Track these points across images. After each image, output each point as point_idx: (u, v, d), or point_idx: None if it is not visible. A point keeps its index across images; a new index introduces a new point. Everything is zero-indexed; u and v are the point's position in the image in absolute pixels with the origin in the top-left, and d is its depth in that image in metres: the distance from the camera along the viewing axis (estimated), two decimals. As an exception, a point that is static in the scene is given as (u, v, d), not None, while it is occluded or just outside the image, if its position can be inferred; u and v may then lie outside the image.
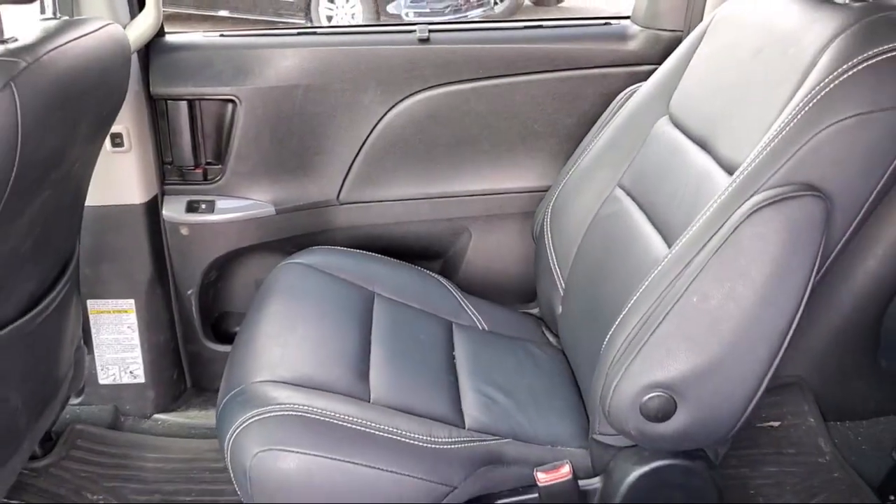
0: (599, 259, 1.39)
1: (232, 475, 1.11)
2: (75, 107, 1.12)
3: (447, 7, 6.84)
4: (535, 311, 1.66)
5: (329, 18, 6.76)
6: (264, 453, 1.06)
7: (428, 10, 6.80)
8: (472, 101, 1.70)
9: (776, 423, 1.74)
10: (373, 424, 1.12)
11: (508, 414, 1.26)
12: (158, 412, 1.80)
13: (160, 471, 1.64)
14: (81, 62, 1.12)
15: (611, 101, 1.57)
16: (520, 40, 1.71)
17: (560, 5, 8.32)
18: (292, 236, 1.73)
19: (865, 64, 0.97)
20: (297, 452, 1.06)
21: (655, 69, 1.48)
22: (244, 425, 1.09)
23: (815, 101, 0.99)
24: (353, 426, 1.11)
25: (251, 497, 1.08)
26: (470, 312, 1.55)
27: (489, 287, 1.79)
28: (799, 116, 0.99)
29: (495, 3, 7.18)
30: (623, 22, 1.76)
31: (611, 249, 1.36)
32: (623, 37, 1.71)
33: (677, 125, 1.35)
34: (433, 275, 1.62)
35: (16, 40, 1.05)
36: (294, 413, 1.10)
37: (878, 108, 0.97)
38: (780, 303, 0.98)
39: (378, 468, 1.08)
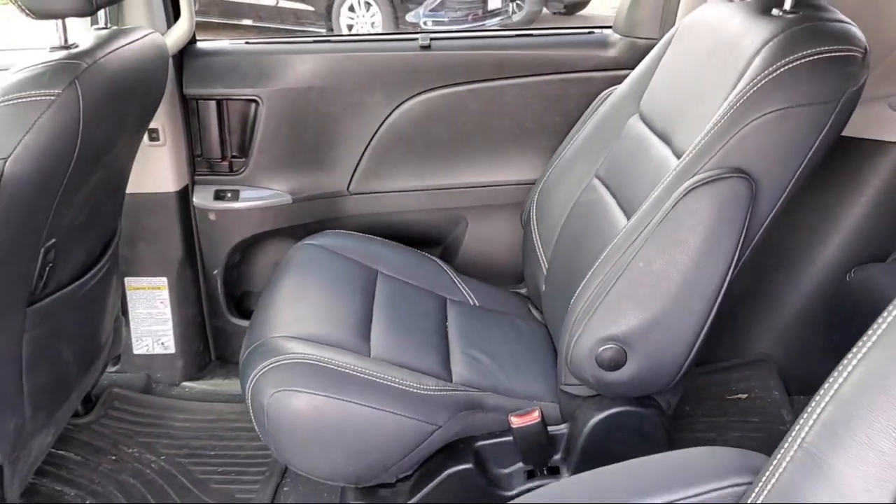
0: (576, 240, 1.57)
1: (252, 414, 1.30)
2: (124, 102, 1.33)
3: (466, 16, 6.99)
4: (524, 290, 1.84)
5: (350, 27, 6.97)
6: (279, 393, 1.26)
7: (447, 20, 6.95)
8: (468, 102, 1.89)
9: (744, 396, 1.91)
10: (372, 373, 1.31)
11: (490, 372, 1.44)
12: (186, 380, 2.00)
13: (187, 429, 1.84)
14: (129, 64, 1.33)
15: (592, 102, 1.75)
16: (511, 47, 1.91)
17: (579, 13, 8.47)
18: (307, 223, 1.92)
19: (786, 67, 1.15)
20: (308, 393, 1.25)
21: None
22: (263, 371, 1.29)
23: (744, 98, 1.17)
24: (355, 373, 1.30)
25: (267, 431, 1.28)
26: (463, 290, 1.73)
27: (484, 270, 1.97)
28: (731, 111, 1.17)
29: (513, 13, 7.35)
30: (605, 31, 1.95)
31: (586, 231, 1.54)
32: (604, 44, 1.90)
33: (645, 122, 1.53)
34: (431, 257, 1.80)
35: (77, 46, 1.26)
36: (305, 361, 1.29)
37: (796, 104, 1.14)
38: (711, 267, 1.16)
39: (375, 408, 1.26)
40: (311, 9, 7.06)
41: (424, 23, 6.89)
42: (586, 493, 0.88)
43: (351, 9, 6.94)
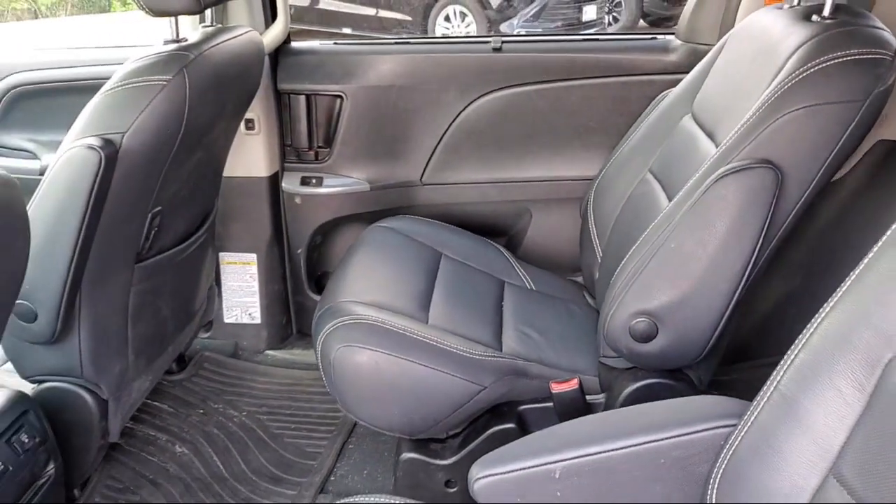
0: (628, 230, 1.67)
1: (320, 366, 1.47)
2: (224, 90, 1.53)
3: (561, 27, 7.07)
4: (580, 278, 1.95)
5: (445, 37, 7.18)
6: (344, 349, 1.42)
7: (540, 31, 7.08)
8: (535, 101, 2.03)
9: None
10: (427, 336, 1.46)
11: (539, 346, 1.57)
12: (269, 349, 2.20)
13: (267, 391, 2.04)
14: (229, 57, 1.53)
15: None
16: (578, 50, 2.03)
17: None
18: (382, 209, 2.09)
19: (817, 67, 1.24)
20: (369, 349, 1.41)
21: None
22: (331, 329, 1.46)
23: (777, 94, 1.26)
24: (412, 335, 1.45)
25: (333, 382, 1.44)
26: (521, 275, 1.86)
27: (545, 259, 2.09)
28: (764, 106, 1.27)
29: (609, 24, 7.39)
30: (667, 37, 2.04)
31: (636, 221, 1.64)
32: (666, 49, 2.00)
33: (696, 121, 1.62)
34: (493, 244, 1.94)
35: (186, 40, 1.47)
36: (368, 322, 1.45)
37: (825, 102, 1.23)
38: (737, 250, 1.25)
39: (428, 367, 1.41)
40: (409, 18, 7.31)
41: (518, 33, 7.03)
42: (598, 428, 1.00)
43: (447, 18, 7.14)
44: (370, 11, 7.35)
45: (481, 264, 1.84)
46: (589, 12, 7.29)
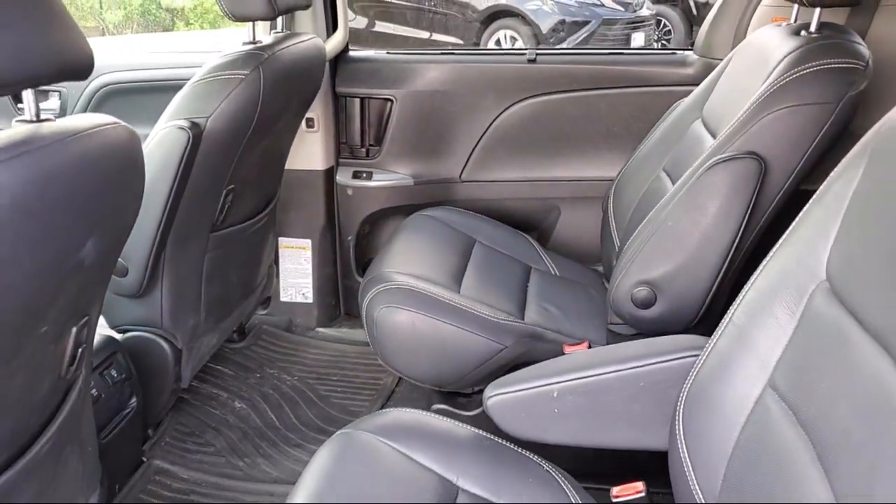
0: (641, 220, 1.87)
1: (364, 325, 1.70)
2: (290, 87, 1.79)
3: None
4: (601, 268, 2.15)
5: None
6: (385, 308, 1.65)
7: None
8: (565, 108, 2.25)
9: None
10: (457, 302, 1.68)
11: (557, 319, 1.77)
12: (319, 326, 2.44)
13: (316, 360, 2.28)
14: (295, 59, 1.78)
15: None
16: (605, 63, 2.25)
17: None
18: (424, 202, 2.32)
19: (798, 73, 1.44)
20: (406, 310, 1.64)
21: None
22: (375, 293, 1.68)
23: (763, 97, 1.46)
24: (444, 300, 1.67)
25: (375, 338, 1.67)
26: (547, 262, 2.07)
27: (571, 252, 2.29)
28: (752, 107, 1.47)
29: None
30: (685, 52, 2.25)
31: (649, 212, 1.85)
32: (684, 63, 2.21)
33: (704, 124, 1.82)
34: (523, 234, 2.15)
35: (261, 42, 1.73)
36: (407, 287, 1.68)
37: (804, 103, 1.43)
38: (724, 229, 1.45)
39: (456, 326, 1.63)
40: (461, 42, 7.59)
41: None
42: (589, 358, 1.21)
43: (497, 42, 7.40)
44: (424, 35, 7.66)
45: (511, 251, 2.05)
46: (637, 39, 7.49)
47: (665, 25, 8.07)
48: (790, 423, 0.91)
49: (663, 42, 7.91)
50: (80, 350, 1.13)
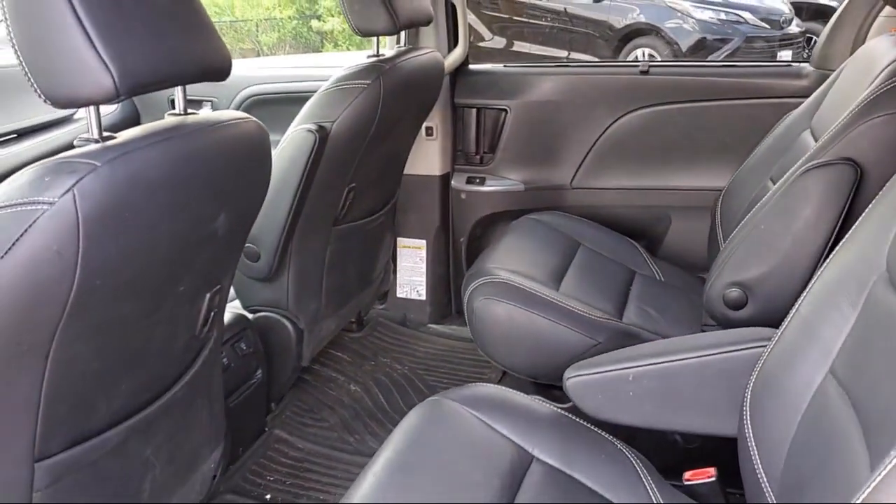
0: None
1: (466, 316, 1.82)
2: (408, 96, 1.94)
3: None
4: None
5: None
6: (486, 300, 1.76)
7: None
8: (677, 118, 2.29)
9: None
10: (554, 297, 1.77)
11: (654, 321, 1.82)
12: (431, 323, 2.59)
13: (426, 353, 2.42)
14: (414, 70, 1.94)
15: (778, 122, 2.07)
16: (717, 74, 2.28)
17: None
18: (534, 207, 2.41)
19: (897, 82, 1.45)
20: (505, 302, 1.74)
21: None
22: (477, 286, 1.80)
23: (864, 103, 1.48)
24: (541, 295, 1.76)
25: (475, 328, 1.79)
26: (652, 268, 2.11)
27: (681, 261, 2.31)
28: (852, 113, 1.49)
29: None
30: (801, 64, 2.24)
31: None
32: (799, 75, 2.20)
33: (812, 133, 1.83)
34: (629, 240, 2.21)
35: (384, 55, 1.90)
36: (506, 282, 1.79)
37: (904, 111, 1.43)
38: (815, 234, 1.47)
39: (552, 321, 1.72)
40: (598, 60, 7.61)
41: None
42: (664, 346, 1.28)
43: (636, 60, 7.38)
44: (562, 53, 7.75)
45: (616, 255, 2.12)
46: (785, 56, 7.27)
47: (816, 42, 7.79)
48: (845, 404, 0.95)
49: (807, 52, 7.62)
50: (212, 314, 1.32)
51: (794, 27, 7.55)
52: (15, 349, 0.92)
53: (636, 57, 7.35)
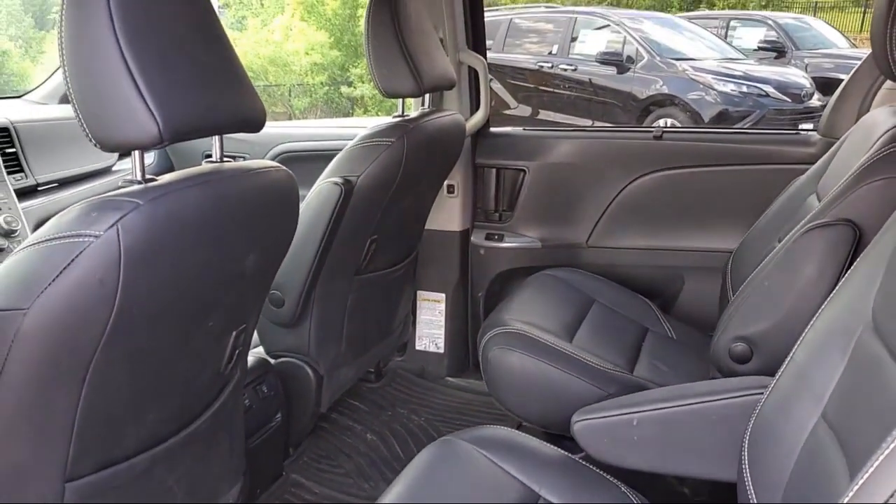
0: (754, 287, 1.95)
1: (480, 364, 1.88)
2: (431, 153, 2.05)
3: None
4: (719, 335, 2.21)
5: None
6: (499, 349, 1.82)
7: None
8: (690, 182, 2.37)
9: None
10: (568, 350, 1.82)
11: (665, 375, 1.86)
12: (449, 375, 2.64)
13: (443, 405, 2.47)
14: (436, 131, 2.04)
15: (787, 187, 2.14)
16: (729, 141, 2.36)
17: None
18: (550, 264, 2.48)
19: (894, 149, 1.52)
20: (519, 352, 1.80)
21: None
22: (491, 336, 1.87)
23: (863, 167, 1.55)
24: (554, 346, 1.82)
25: (488, 375, 1.84)
26: (665, 325, 2.16)
27: (694, 321, 2.37)
28: (852, 177, 1.56)
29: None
30: (809, 133, 2.32)
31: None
32: (807, 143, 2.28)
33: (818, 198, 1.90)
34: (643, 298, 2.26)
35: (408, 116, 2.01)
36: (520, 332, 1.85)
37: (900, 174, 1.50)
38: (818, 290, 1.52)
39: (565, 372, 1.76)
40: (618, 129, 7.78)
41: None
42: (669, 392, 1.33)
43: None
44: (586, 122, 7.92)
45: (629, 313, 2.17)
46: (805, 128, 7.35)
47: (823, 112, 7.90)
48: (834, 446, 1.00)
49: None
50: (237, 352, 1.39)
51: (815, 101, 7.68)
52: (56, 371, 1.00)
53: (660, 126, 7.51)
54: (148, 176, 1.08)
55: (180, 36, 1.06)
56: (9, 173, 2.01)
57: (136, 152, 1.06)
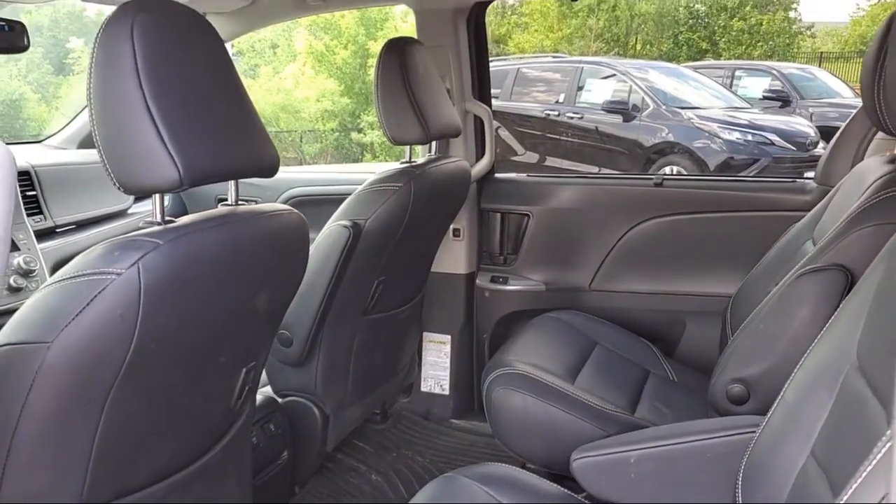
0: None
1: (484, 404, 1.91)
2: (437, 198, 2.11)
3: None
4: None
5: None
6: (503, 390, 1.86)
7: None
8: (690, 228, 2.43)
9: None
10: (570, 391, 1.86)
11: (666, 416, 1.89)
12: (454, 418, 2.67)
13: (448, 447, 2.50)
14: (442, 176, 2.11)
15: (784, 233, 2.19)
16: (727, 188, 2.42)
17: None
18: (554, 307, 2.53)
19: (885, 195, 1.57)
20: (521, 393, 1.84)
21: None
22: (495, 376, 1.91)
23: (853, 215, 1.60)
24: (556, 387, 1.85)
25: (491, 415, 1.88)
26: (666, 368, 2.20)
27: (695, 364, 2.40)
28: (842, 224, 1.61)
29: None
30: (806, 181, 2.38)
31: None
32: (803, 190, 2.34)
33: (813, 243, 1.95)
34: (645, 341, 2.30)
35: (415, 162, 2.08)
36: (523, 373, 1.89)
37: (889, 222, 1.55)
38: (811, 333, 1.54)
39: (567, 412, 1.80)
40: (625, 176, 7.88)
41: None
42: (666, 430, 1.37)
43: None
44: (593, 169, 8.02)
45: (631, 355, 2.21)
46: (809, 176, 7.42)
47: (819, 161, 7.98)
48: (822, 483, 1.03)
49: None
50: (246, 388, 1.44)
51: (820, 149, 7.75)
52: (77, 400, 1.05)
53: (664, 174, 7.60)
54: (167, 217, 1.14)
55: (201, 88, 1.13)
56: (28, 215, 2.09)
57: (157, 195, 1.12)
